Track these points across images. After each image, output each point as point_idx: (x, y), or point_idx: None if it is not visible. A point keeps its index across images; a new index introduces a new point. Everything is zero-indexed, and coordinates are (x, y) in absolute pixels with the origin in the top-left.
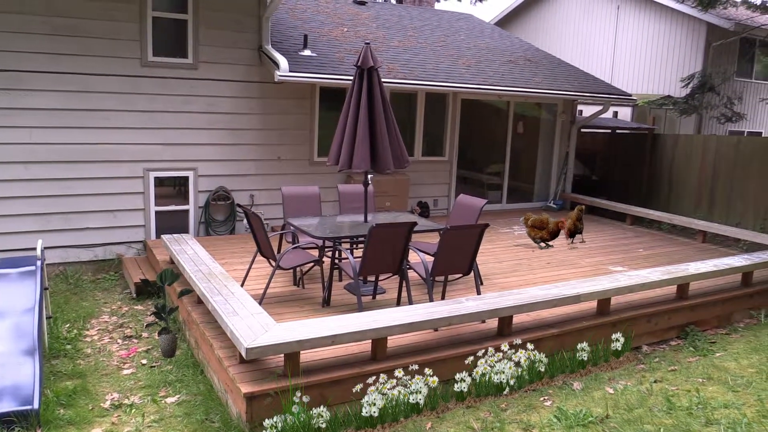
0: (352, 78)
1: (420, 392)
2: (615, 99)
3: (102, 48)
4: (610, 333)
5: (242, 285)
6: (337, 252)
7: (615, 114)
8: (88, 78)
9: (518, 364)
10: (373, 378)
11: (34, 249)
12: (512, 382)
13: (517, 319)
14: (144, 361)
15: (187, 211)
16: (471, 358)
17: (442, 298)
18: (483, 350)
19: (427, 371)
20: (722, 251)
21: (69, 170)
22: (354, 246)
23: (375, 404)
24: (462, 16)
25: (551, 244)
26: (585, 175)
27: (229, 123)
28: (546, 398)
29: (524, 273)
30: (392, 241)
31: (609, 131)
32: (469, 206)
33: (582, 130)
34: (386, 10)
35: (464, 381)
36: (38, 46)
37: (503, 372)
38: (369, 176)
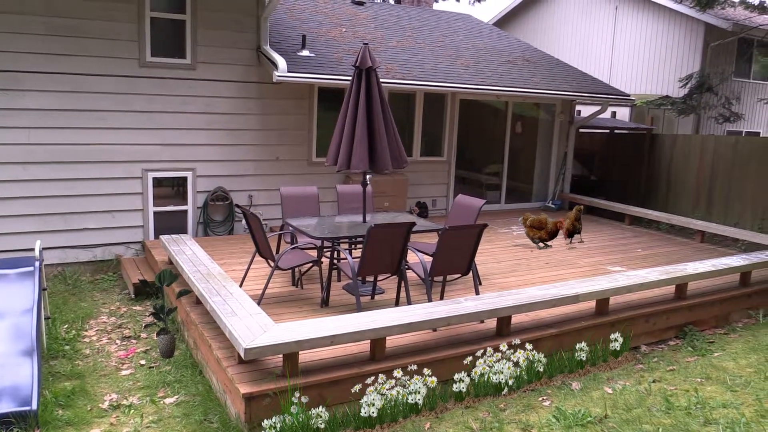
0: (351, 78)
1: (419, 392)
2: (613, 99)
3: (100, 48)
4: (609, 333)
5: (241, 285)
6: (336, 252)
7: (613, 114)
8: (87, 78)
9: (517, 364)
10: (372, 378)
11: (33, 250)
12: (511, 382)
13: (516, 319)
14: (143, 362)
15: (186, 212)
16: (470, 359)
17: (441, 299)
18: (482, 350)
19: (426, 371)
20: (720, 251)
21: (67, 171)
22: (353, 246)
23: (374, 404)
24: (460, 17)
25: (550, 244)
26: (583, 175)
27: (228, 123)
28: (545, 398)
29: (523, 273)
30: (391, 242)
31: (607, 131)
32: (468, 206)
33: (580, 130)
34: (384, 11)
35: (463, 381)
36: (37, 47)
37: (502, 372)
38: (367, 176)
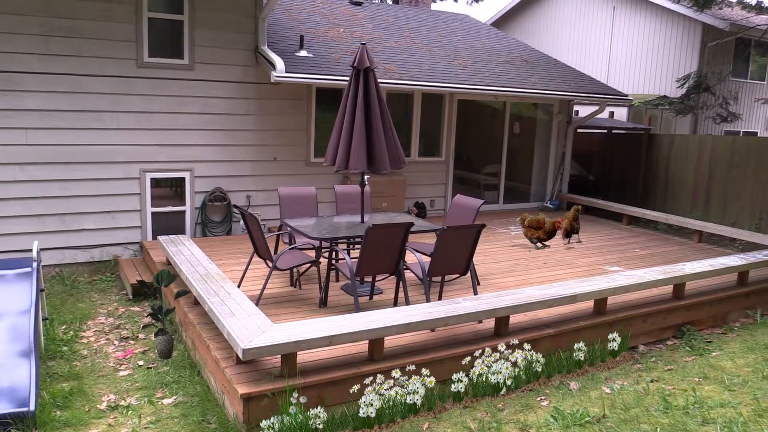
0: (349, 78)
1: (417, 393)
2: (611, 99)
3: (98, 49)
4: (607, 333)
5: (239, 286)
6: (334, 253)
7: (611, 114)
8: (84, 79)
9: (515, 364)
10: (371, 378)
11: (30, 250)
12: (509, 382)
13: (514, 319)
14: (141, 363)
15: (184, 212)
16: (468, 359)
17: (439, 299)
18: (480, 350)
19: (424, 372)
20: (718, 251)
21: (65, 171)
22: (351, 247)
23: (372, 405)
24: (458, 17)
25: (548, 245)
26: (581, 176)
27: (226, 124)
28: (543, 398)
29: (521, 273)
30: (389, 242)
31: (605, 131)
32: (466, 206)
33: (578, 131)
34: (382, 11)
35: (461, 381)
36: (34, 47)
37: (500, 372)
38: (366, 177)
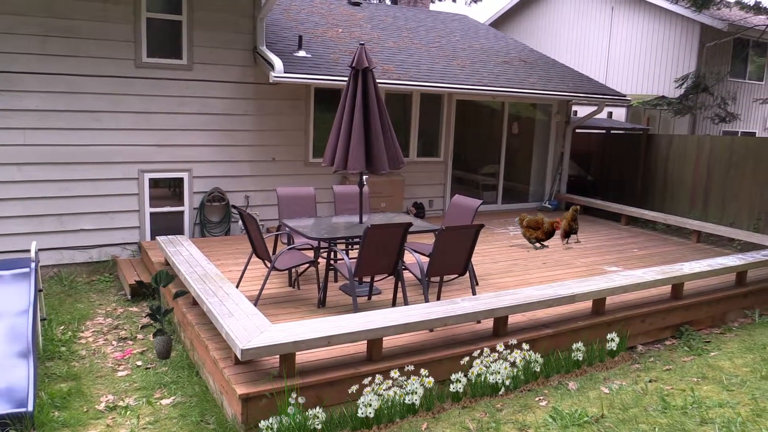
0: (347, 79)
1: (416, 393)
2: (609, 99)
3: (96, 49)
4: (605, 333)
5: (237, 286)
6: (333, 253)
7: (609, 114)
8: (83, 79)
9: (514, 365)
10: (369, 379)
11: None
12: (508, 383)
13: (513, 320)
14: (139, 363)
15: (182, 213)
16: (466, 359)
17: (438, 299)
18: (478, 350)
19: (423, 372)
20: (716, 251)
21: (63, 172)
22: (349, 247)
23: (371, 405)
24: (456, 17)
25: (546, 245)
26: (580, 176)
27: (224, 124)
28: (541, 398)
29: (519, 273)
30: (387, 242)
31: (604, 132)
32: (465, 207)
33: (577, 131)
34: (381, 11)
35: (460, 381)
36: (32, 48)
37: (499, 372)
38: (364, 177)
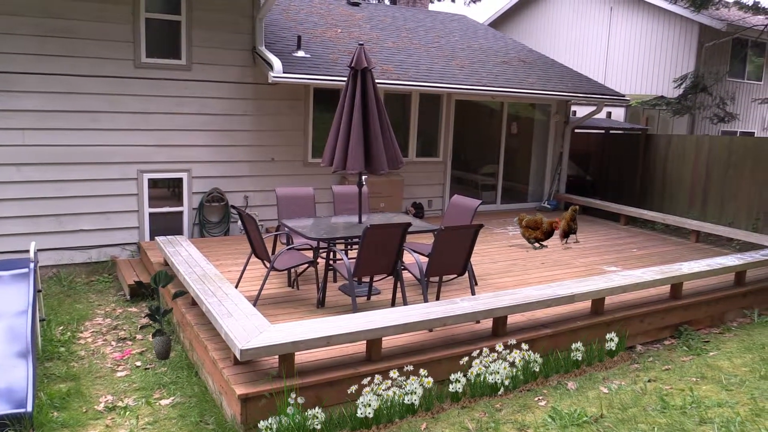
0: (346, 79)
1: (415, 393)
2: (608, 99)
3: (95, 49)
4: (604, 333)
5: (237, 286)
6: (332, 253)
7: (608, 114)
8: (81, 79)
9: (513, 365)
10: (368, 379)
11: (27, 251)
12: (507, 383)
13: (512, 320)
14: (138, 363)
15: (181, 213)
16: (466, 359)
17: (437, 299)
18: (478, 351)
19: (422, 372)
20: (715, 251)
21: (62, 172)
22: (348, 247)
23: (370, 405)
24: (455, 17)
25: (545, 245)
26: (579, 176)
27: (223, 124)
28: (540, 398)
29: (519, 273)
30: (387, 242)
31: (602, 132)
32: (464, 207)
33: (576, 131)
34: (380, 11)
35: (459, 381)
36: (31, 48)
37: (498, 372)
38: (363, 177)
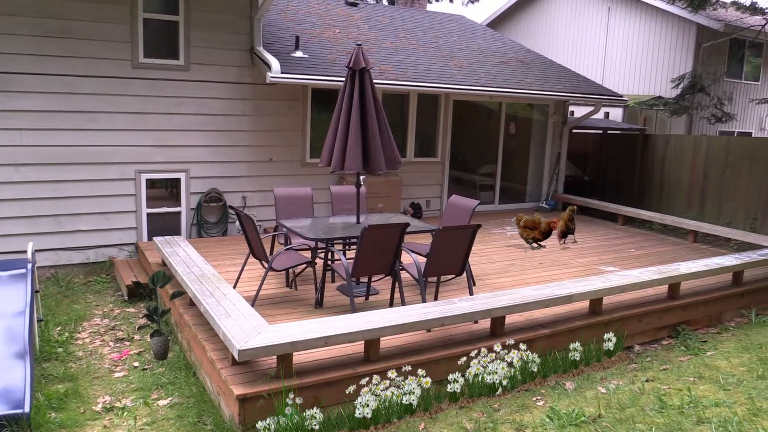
0: (344, 79)
1: (413, 393)
2: (606, 99)
3: (93, 50)
4: (602, 333)
5: (235, 287)
6: (330, 253)
7: (606, 115)
8: (79, 80)
9: (511, 365)
10: (366, 379)
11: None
12: (505, 383)
13: (510, 320)
14: (136, 364)
15: (179, 213)
16: (464, 359)
17: (435, 299)
18: (476, 351)
19: (420, 372)
20: (713, 251)
21: (60, 172)
22: (347, 247)
23: (368, 405)
24: (454, 18)
25: (543, 245)
26: (577, 176)
27: (221, 124)
28: (538, 398)
29: (517, 273)
30: (385, 242)
31: (600, 132)
32: (462, 207)
33: (574, 131)
34: (378, 12)
35: (457, 382)
36: (29, 48)
37: (496, 372)
38: (361, 177)
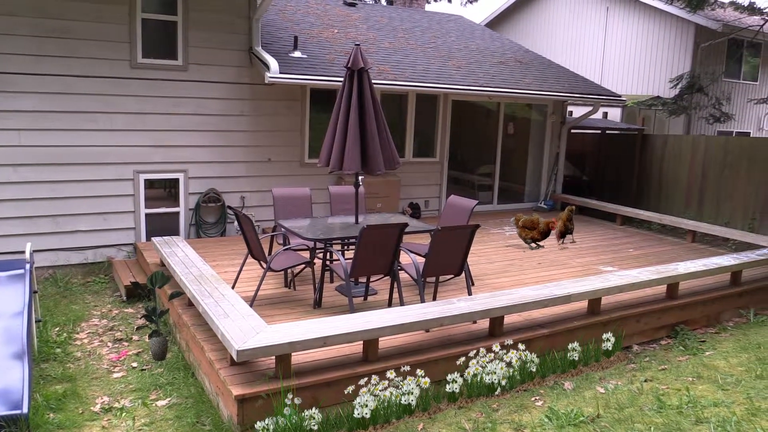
0: (343, 79)
1: (412, 393)
2: (604, 99)
3: (91, 50)
4: (601, 333)
5: (233, 287)
6: (329, 253)
7: (605, 115)
8: (78, 80)
9: (510, 365)
10: (365, 379)
11: (23, 252)
12: (504, 383)
13: (509, 320)
14: (134, 364)
15: (178, 214)
16: (462, 359)
17: (434, 299)
18: (474, 351)
19: (419, 372)
20: (711, 251)
21: (58, 173)
22: (345, 247)
23: (367, 406)
24: (452, 18)
25: (542, 245)
26: (575, 176)
27: (220, 125)
28: (537, 398)
29: (515, 273)
30: (383, 243)
31: (599, 132)
32: (460, 207)
33: (572, 131)
34: (376, 12)
35: (456, 382)
36: (27, 48)
37: (495, 372)
38: (360, 177)
